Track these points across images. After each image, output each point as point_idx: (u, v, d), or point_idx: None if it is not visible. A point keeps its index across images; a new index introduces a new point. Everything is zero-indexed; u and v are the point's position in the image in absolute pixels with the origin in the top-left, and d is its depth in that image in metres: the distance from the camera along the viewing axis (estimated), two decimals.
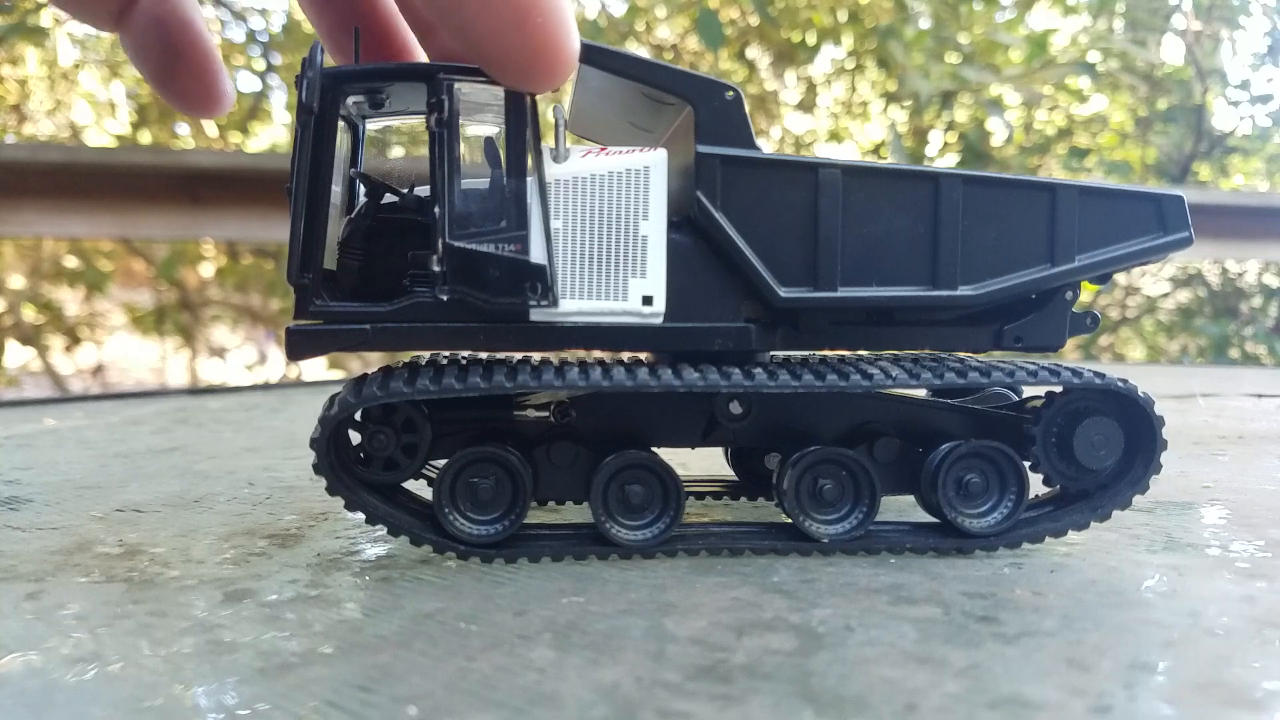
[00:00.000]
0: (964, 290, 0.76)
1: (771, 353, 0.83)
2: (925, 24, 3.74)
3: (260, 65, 3.66)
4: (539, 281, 0.71)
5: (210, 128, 3.54)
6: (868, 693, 0.48)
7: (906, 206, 0.75)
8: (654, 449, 0.79)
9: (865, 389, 0.73)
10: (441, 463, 0.76)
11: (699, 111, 0.74)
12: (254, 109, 3.67)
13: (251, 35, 3.60)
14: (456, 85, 0.70)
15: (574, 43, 0.46)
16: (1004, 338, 0.80)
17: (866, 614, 0.61)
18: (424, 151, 0.74)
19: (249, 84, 3.75)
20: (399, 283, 0.73)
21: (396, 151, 0.92)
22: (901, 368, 0.75)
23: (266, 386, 2.66)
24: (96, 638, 0.57)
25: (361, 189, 0.81)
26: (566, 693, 0.49)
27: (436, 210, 0.69)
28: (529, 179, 0.71)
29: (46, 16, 3.47)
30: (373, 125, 0.86)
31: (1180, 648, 0.55)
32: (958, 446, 0.76)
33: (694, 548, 0.75)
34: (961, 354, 0.83)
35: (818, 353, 0.87)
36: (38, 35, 3.52)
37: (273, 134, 3.72)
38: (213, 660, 0.54)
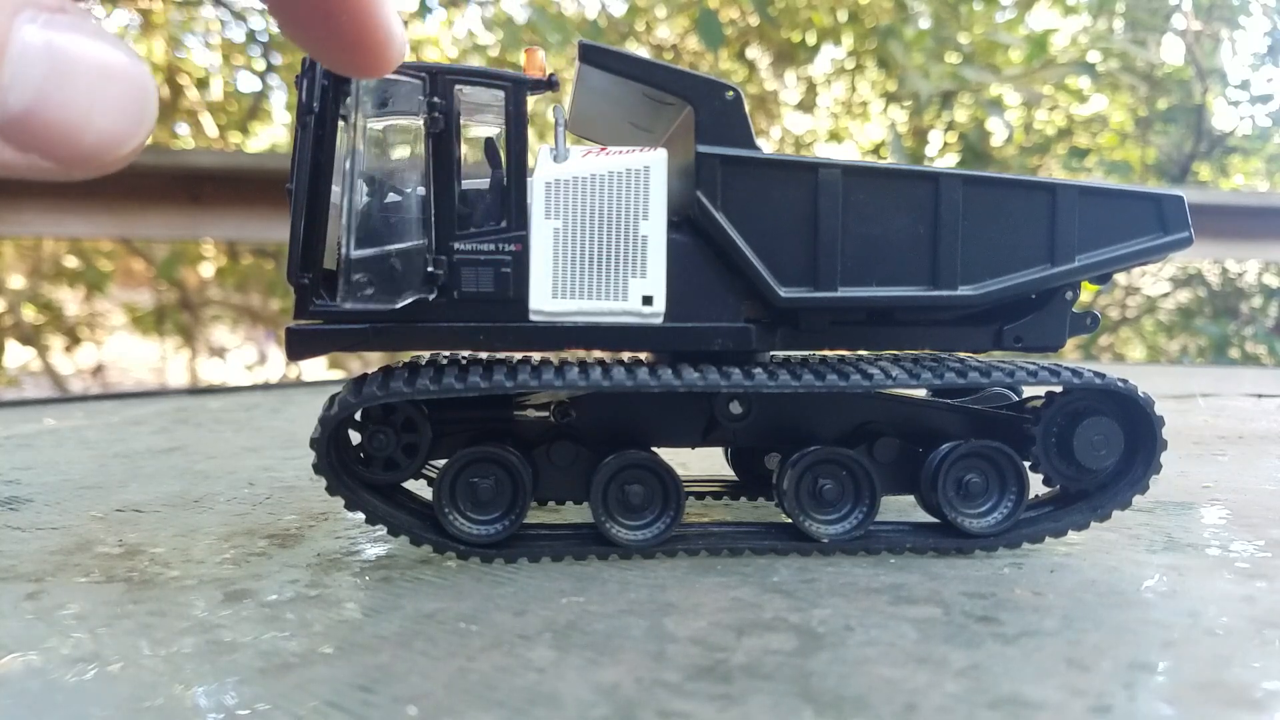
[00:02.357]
0: (964, 290, 0.76)
1: (771, 353, 0.83)
2: (925, 24, 3.74)
3: (260, 65, 3.66)
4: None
5: (210, 127, 3.54)
6: (868, 693, 0.48)
7: (907, 206, 0.75)
8: (654, 449, 0.79)
9: (865, 389, 0.73)
10: (441, 462, 0.76)
11: (699, 111, 0.74)
12: (254, 109, 3.67)
13: (251, 35, 3.61)
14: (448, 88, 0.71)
15: (391, 32, 0.44)
16: (1004, 338, 0.80)
17: (866, 614, 0.61)
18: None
19: (249, 84, 3.75)
20: None
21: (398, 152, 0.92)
22: (901, 368, 0.75)
23: (266, 386, 2.66)
24: (96, 638, 0.57)
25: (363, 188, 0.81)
26: (566, 693, 0.48)
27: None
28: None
29: None
30: (373, 125, 0.86)
31: (1180, 648, 0.55)
32: (958, 446, 0.76)
33: (694, 548, 0.75)
34: (961, 354, 0.83)
35: (818, 353, 0.87)
36: None
37: (273, 134, 3.73)
38: (213, 660, 0.54)
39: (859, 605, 0.63)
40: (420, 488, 0.81)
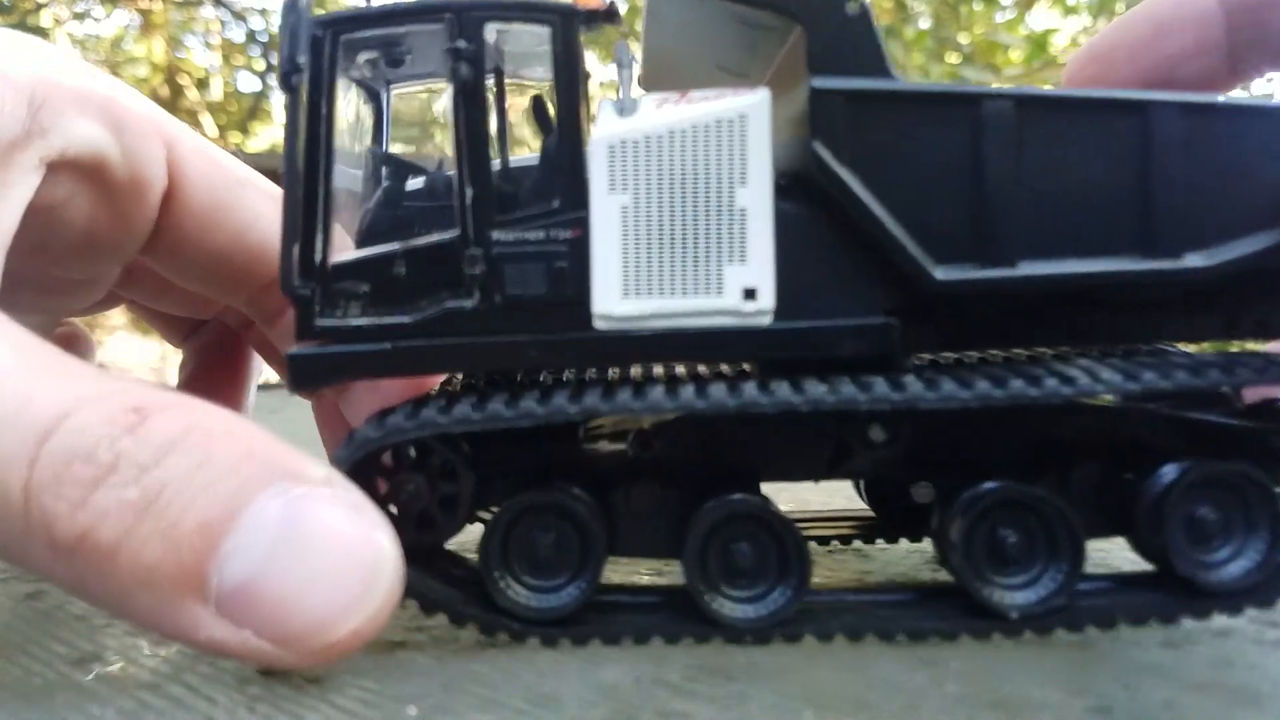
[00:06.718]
0: (1191, 260, 0.56)
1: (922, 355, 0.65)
2: (925, 24, 3.73)
3: (260, 65, 3.65)
4: None
5: (210, 127, 3.52)
6: (867, 693, 0.49)
7: (1105, 148, 0.57)
8: (763, 489, 0.61)
9: (1065, 399, 0.54)
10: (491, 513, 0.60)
11: (811, 33, 0.57)
12: (254, 109, 3.65)
13: (251, 35, 3.60)
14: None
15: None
16: (1241, 323, 0.61)
17: None
18: None
19: (249, 84, 3.75)
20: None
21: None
22: (1111, 367, 0.56)
23: (266, 386, 2.60)
24: (96, 638, 0.59)
25: (384, 171, 0.67)
26: (566, 693, 0.50)
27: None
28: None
29: (46, 17, 3.48)
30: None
31: (1180, 648, 0.56)
32: (1187, 471, 0.57)
33: (827, 629, 0.57)
34: (1183, 346, 0.64)
35: (986, 352, 0.68)
36: (37, 35, 3.48)
37: (273, 134, 3.73)
38: (213, 660, 0.54)
39: None
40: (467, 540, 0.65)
